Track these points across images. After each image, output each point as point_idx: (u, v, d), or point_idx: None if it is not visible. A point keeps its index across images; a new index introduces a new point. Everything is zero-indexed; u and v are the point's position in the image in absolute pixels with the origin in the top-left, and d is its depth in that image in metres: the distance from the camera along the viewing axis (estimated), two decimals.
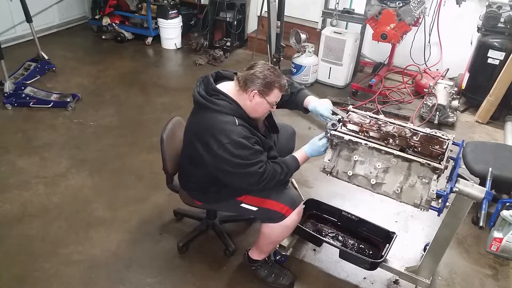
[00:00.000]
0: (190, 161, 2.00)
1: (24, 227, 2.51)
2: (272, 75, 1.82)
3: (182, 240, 2.39)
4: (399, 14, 3.63)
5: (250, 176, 1.82)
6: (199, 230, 2.45)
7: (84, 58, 4.83)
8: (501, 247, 2.44)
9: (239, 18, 5.07)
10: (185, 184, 2.16)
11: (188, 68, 4.84)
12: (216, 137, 1.78)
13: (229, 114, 1.82)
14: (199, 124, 1.87)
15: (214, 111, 1.82)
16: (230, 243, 2.37)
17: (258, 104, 1.86)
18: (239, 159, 1.77)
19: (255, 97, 1.83)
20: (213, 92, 1.86)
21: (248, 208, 2.01)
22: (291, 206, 1.95)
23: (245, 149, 1.78)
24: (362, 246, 2.34)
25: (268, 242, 2.10)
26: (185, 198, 2.21)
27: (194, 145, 1.88)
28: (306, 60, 4.36)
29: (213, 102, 1.83)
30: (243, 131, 1.80)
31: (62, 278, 2.21)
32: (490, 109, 3.89)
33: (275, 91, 1.85)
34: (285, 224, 1.97)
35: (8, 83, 3.71)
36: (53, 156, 3.16)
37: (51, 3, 5.26)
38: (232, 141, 1.76)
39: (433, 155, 1.79)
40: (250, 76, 1.82)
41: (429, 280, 2.08)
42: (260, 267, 2.21)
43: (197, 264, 2.33)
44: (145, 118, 3.73)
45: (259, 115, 1.93)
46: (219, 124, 1.80)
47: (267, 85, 1.82)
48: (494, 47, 3.76)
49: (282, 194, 1.97)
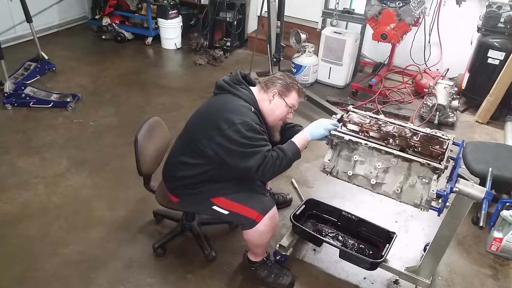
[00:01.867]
0: (190, 151, 1.96)
1: (24, 227, 2.51)
2: (291, 79, 1.99)
3: (158, 242, 2.34)
4: (399, 14, 3.63)
5: (252, 159, 1.80)
6: (175, 232, 2.40)
7: (84, 58, 4.83)
8: (501, 247, 2.44)
9: (239, 18, 5.07)
10: (168, 177, 2.10)
11: (188, 68, 4.84)
12: (229, 117, 1.82)
13: (247, 102, 1.91)
14: (213, 106, 1.94)
15: (233, 94, 1.92)
16: (206, 246, 2.32)
17: (276, 105, 1.95)
18: (246, 140, 1.80)
19: (275, 97, 1.95)
20: (237, 82, 1.97)
21: (219, 211, 2.00)
22: (262, 212, 1.94)
23: (255, 133, 1.82)
24: (362, 246, 2.34)
25: (254, 245, 2.13)
26: (161, 199, 2.18)
27: (197, 126, 1.93)
28: (306, 60, 4.36)
29: (236, 88, 1.94)
30: (256, 118, 1.88)
31: (62, 278, 2.21)
32: (490, 109, 3.89)
33: (293, 93, 1.98)
34: (259, 230, 1.96)
35: (8, 83, 3.71)
36: (53, 156, 3.16)
37: (51, 3, 5.27)
38: (244, 122, 1.80)
39: (433, 155, 1.79)
40: (271, 78, 1.98)
41: (429, 280, 2.08)
42: (259, 267, 2.22)
43: (197, 263, 2.33)
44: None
45: (276, 119, 1.99)
46: (235, 106, 1.87)
47: (287, 86, 1.96)
48: (494, 47, 3.77)
49: (254, 200, 1.97)
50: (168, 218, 2.55)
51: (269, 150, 1.85)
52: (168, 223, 2.58)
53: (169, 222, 2.58)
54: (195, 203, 2.09)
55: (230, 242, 2.47)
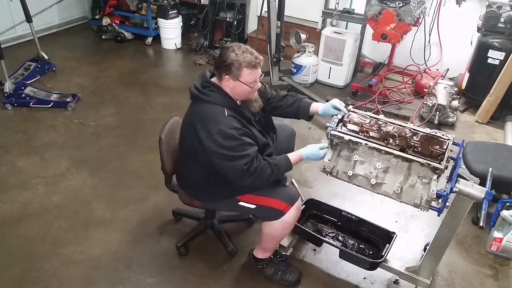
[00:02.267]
0: (187, 156, 2.03)
1: (24, 227, 2.51)
2: (237, 57, 1.82)
3: (181, 241, 2.38)
4: (399, 14, 3.63)
5: (235, 170, 1.84)
6: (197, 230, 2.44)
7: (84, 58, 4.83)
8: (501, 247, 2.44)
9: (239, 18, 5.07)
10: (183, 183, 2.17)
11: (188, 68, 4.84)
12: (205, 127, 1.84)
13: (219, 105, 1.88)
14: (192, 115, 1.94)
15: (205, 102, 1.90)
16: (229, 243, 2.36)
17: (236, 87, 1.89)
18: (225, 150, 1.81)
19: (230, 81, 1.88)
20: (206, 84, 1.93)
21: (246, 206, 2.03)
22: (290, 202, 1.97)
23: (232, 140, 1.81)
24: (362, 246, 2.34)
25: (270, 240, 2.12)
26: (184, 198, 2.20)
27: (188, 137, 1.94)
28: (306, 60, 4.36)
29: (204, 93, 1.90)
30: (233, 122, 1.85)
31: (62, 278, 2.21)
32: (490, 109, 3.88)
33: (244, 70, 1.84)
34: (285, 220, 1.98)
35: (8, 83, 3.71)
36: (53, 156, 3.16)
37: (51, 3, 5.26)
38: (220, 131, 1.80)
39: (433, 155, 1.79)
40: (218, 63, 1.88)
41: (429, 280, 2.08)
42: (266, 265, 2.22)
43: (197, 263, 2.33)
44: (145, 118, 3.73)
45: (244, 97, 1.95)
46: (209, 114, 1.86)
47: (233, 67, 1.84)
48: (494, 47, 3.76)
49: (280, 191, 1.99)
50: (188, 216, 2.57)
51: (252, 157, 1.83)
52: (169, 223, 2.58)
53: (171, 222, 2.59)
54: (219, 202, 2.12)
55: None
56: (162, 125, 2.17)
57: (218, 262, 2.34)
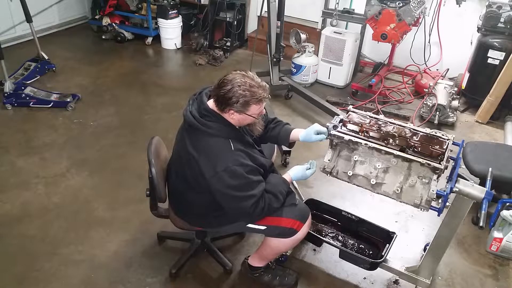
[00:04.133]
0: (185, 186, 1.89)
1: (24, 227, 2.51)
2: (245, 92, 1.69)
3: (175, 266, 2.24)
4: (399, 14, 3.63)
5: (240, 211, 1.77)
6: (190, 252, 2.30)
7: (84, 58, 4.83)
8: (501, 247, 2.44)
9: (239, 18, 5.07)
10: (182, 212, 2.04)
11: (188, 68, 4.84)
12: (210, 163, 1.70)
13: (224, 138, 1.75)
14: (193, 147, 1.77)
15: (207, 134, 1.74)
16: (226, 262, 2.26)
17: (241, 119, 1.78)
18: (231, 190, 1.70)
19: (234, 114, 1.75)
20: (205, 113, 1.77)
21: (255, 227, 1.93)
22: (302, 220, 1.91)
23: (239, 178, 1.70)
24: (362, 246, 2.34)
25: (274, 252, 2.07)
26: (180, 223, 2.06)
27: (189, 168, 1.80)
28: (306, 60, 4.36)
29: (206, 125, 1.74)
30: (240, 158, 1.72)
31: (62, 278, 2.21)
32: (490, 109, 3.88)
33: (252, 106, 1.74)
34: (297, 238, 1.94)
35: (8, 83, 3.71)
36: (53, 156, 3.16)
37: (51, 3, 5.26)
38: (227, 168, 1.68)
39: (433, 155, 1.80)
40: (223, 97, 1.71)
41: (429, 280, 2.08)
42: (263, 273, 2.18)
43: (196, 265, 2.33)
44: (145, 118, 3.73)
45: (246, 124, 1.85)
46: (214, 149, 1.72)
47: (243, 104, 1.71)
48: (494, 47, 3.76)
49: (292, 209, 1.91)
50: (176, 239, 2.44)
51: (258, 197, 1.74)
52: (169, 223, 2.57)
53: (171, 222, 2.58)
54: (225, 226, 2.00)
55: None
56: (146, 146, 1.99)
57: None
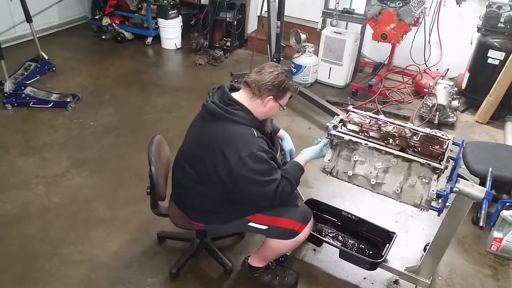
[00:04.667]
0: (195, 181, 1.87)
1: (24, 227, 2.51)
2: (286, 79, 1.81)
3: (175, 266, 2.23)
4: (399, 14, 3.63)
5: (264, 195, 1.76)
6: (190, 252, 2.29)
7: (84, 58, 4.83)
8: (501, 247, 2.44)
9: (239, 18, 5.07)
10: (184, 206, 2.03)
11: (188, 68, 4.84)
12: (234, 150, 1.69)
13: (248, 125, 1.77)
14: (214, 136, 1.76)
15: (231, 121, 1.75)
16: (226, 262, 2.25)
17: (271, 109, 1.84)
18: (256, 175, 1.71)
19: (270, 102, 1.80)
20: (229, 102, 1.78)
21: (257, 227, 1.93)
22: (304, 222, 1.91)
23: (263, 163, 1.72)
24: (362, 246, 2.34)
25: (274, 253, 2.07)
26: (181, 221, 2.05)
27: (204, 161, 1.78)
28: (306, 60, 4.36)
29: (231, 112, 1.75)
30: (262, 144, 1.75)
31: (62, 278, 2.21)
32: (490, 109, 3.88)
33: (287, 94, 1.86)
34: (298, 240, 1.94)
35: (8, 83, 3.71)
36: (53, 156, 3.16)
37: (51, 3, 5.26)
38: (252, 154, 1.69)
39: (433, 155, 1.80)
40: (263, 82, 1.77)
41: (429, 280, 2.08)
42: (263, 273, 2.17)
43: (196, 265, 2.33)
44: (145, 118, 3.73)
45: (267, 116, 1.90)
46: (238, 135, 1.73)
47: (283, 89, 1.81)
48: (494, 47, 3.76)
49: (293, 210, 1.92)
50: (176, 239, 2.44)
51: (279, 181, 1.77)
52: (169, 223, 2.57)
53: (171, 222, 2.58)
54: (226, 224, 1.98)
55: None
56: (147, 146, 2.00)
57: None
